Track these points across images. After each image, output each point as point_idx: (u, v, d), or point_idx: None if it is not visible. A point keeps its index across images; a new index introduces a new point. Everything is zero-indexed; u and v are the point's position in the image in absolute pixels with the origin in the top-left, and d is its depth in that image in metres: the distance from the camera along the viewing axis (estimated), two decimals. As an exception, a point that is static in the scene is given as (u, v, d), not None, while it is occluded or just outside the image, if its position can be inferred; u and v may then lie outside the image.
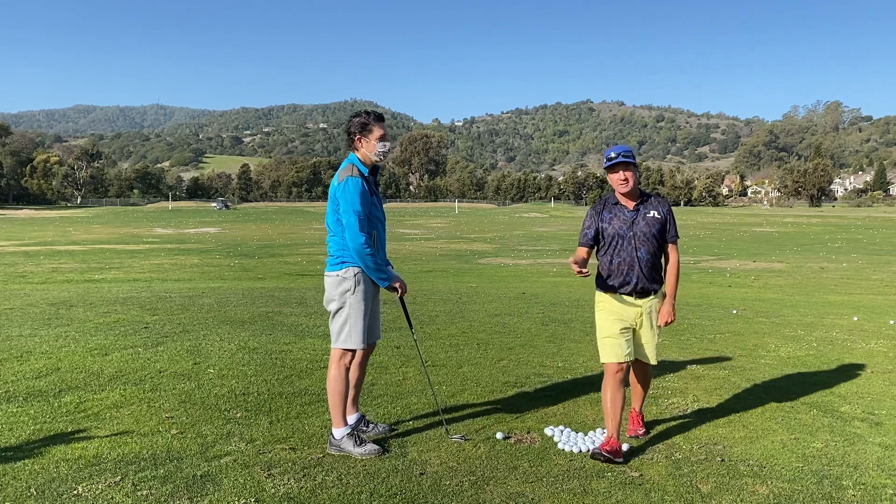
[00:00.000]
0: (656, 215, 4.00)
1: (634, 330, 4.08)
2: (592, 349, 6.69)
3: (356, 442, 3.74)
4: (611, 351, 3.97)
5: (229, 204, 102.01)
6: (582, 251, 4.02)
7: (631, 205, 4.01)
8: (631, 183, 3.97)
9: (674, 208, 4.58)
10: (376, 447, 3.75)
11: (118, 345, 6.37)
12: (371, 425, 4.10)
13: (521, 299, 10.84)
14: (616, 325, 4.00)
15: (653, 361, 4.14)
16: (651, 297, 4.04)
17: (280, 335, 7.06)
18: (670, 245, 4.06)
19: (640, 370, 4.26)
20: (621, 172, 3.95)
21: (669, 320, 4.07)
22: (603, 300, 4.11)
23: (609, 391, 3.94)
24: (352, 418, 4.07)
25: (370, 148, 3.89)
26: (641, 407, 4.36)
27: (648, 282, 3.99)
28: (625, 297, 4.01)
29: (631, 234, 3.96)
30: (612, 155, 3.97)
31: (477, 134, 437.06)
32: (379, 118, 3.96)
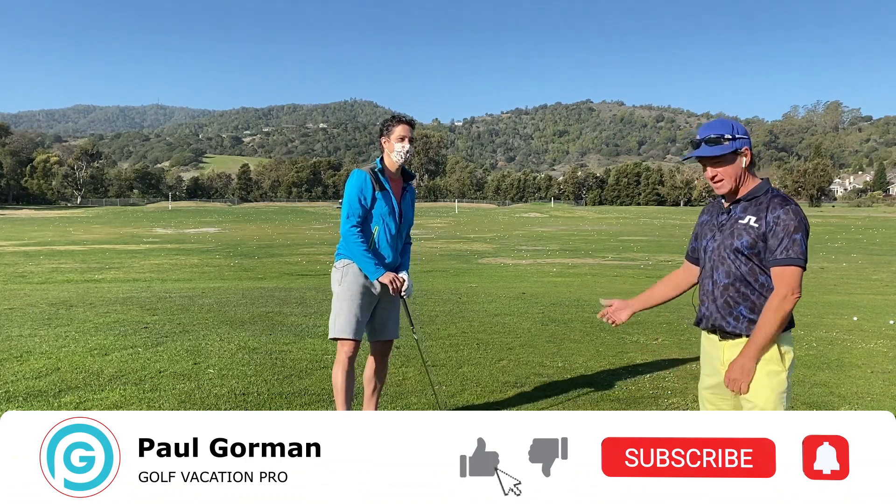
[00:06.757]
0: (752, 222, 2.61)
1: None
2: (592, 349, 6.70)
3: None
4: None
5: None
6: (684, 264, 3.03)
7: (727, 205, 2.76)
8: (726, 182, 2.66)
9: (674, 209, 3.31)
10: None
11: (118, 345, 6.37)
12: None
13: (521, 299, 10.84)
14: (705, 380, 2.86)
15: None
16: (743, 340, 2.66)
17: (280, 335, 7.06)
18: (772, 270, 2.58)
19: None
20: (708, 169, 2.70)
21: (733, 384, 2.62)
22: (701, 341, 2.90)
23: None
24: None
25: (390, 147, 3.95)
26: None
27: (725, 317, 2.69)
28: (707, 334, 2.84)
29: (714, 245, 2.73)
30: (696, 139, 2.73)
31: (477, 134, 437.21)
32: (403, 121, 3.98)
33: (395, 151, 3.93)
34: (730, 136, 2.63)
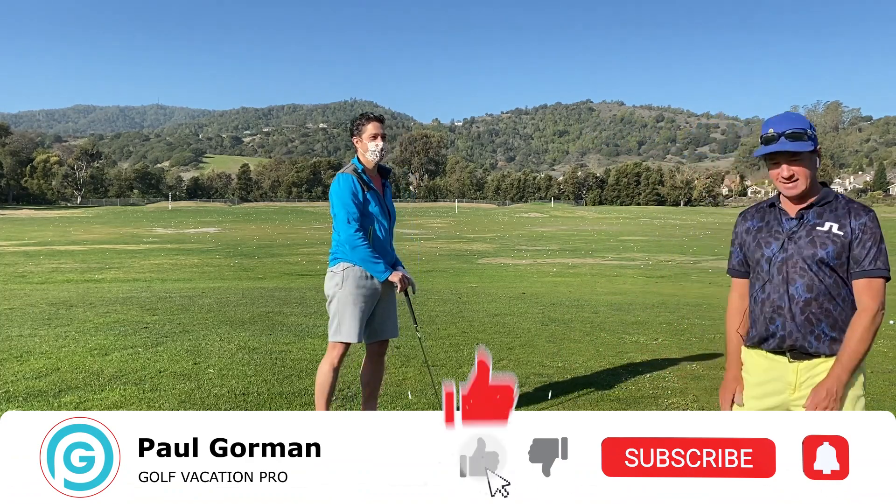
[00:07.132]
0: (835, 230, 2.33)
1: None
2: (592, 349, 6.70)
3: None
4: None
5: None
6: (735, 286, 2.63)
7: (794, 210, 2.41)
8: (801, 182, 2.33)
9: (674, 209, 3.10)
10: None
11: (118, 345, 6.37)
12: None
13: (521, 299, 10.84)
14: (757, 402, 2.52)
15: None
16: (819, 360, 2.40)
17: (280, 335, 7.07)
18: (856, 283, 2.34)
19: None
20: (784, 167, 2.33)
21: (819, 405, 2.33)
22: (745, 360, 2.58)
23: None
24: None
25: (363, 147, 3.97)
26: None
27: (806, 336, 2.38)
28: (769, 355, 2.47)
29: (785, 255, 2.39)
30: (771, 132, 2.33)
31: (477, 134, 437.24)
32: (372, 118, 4.00)
33: (369, 150, 3.95)
34: (810, 133, 2.33)
